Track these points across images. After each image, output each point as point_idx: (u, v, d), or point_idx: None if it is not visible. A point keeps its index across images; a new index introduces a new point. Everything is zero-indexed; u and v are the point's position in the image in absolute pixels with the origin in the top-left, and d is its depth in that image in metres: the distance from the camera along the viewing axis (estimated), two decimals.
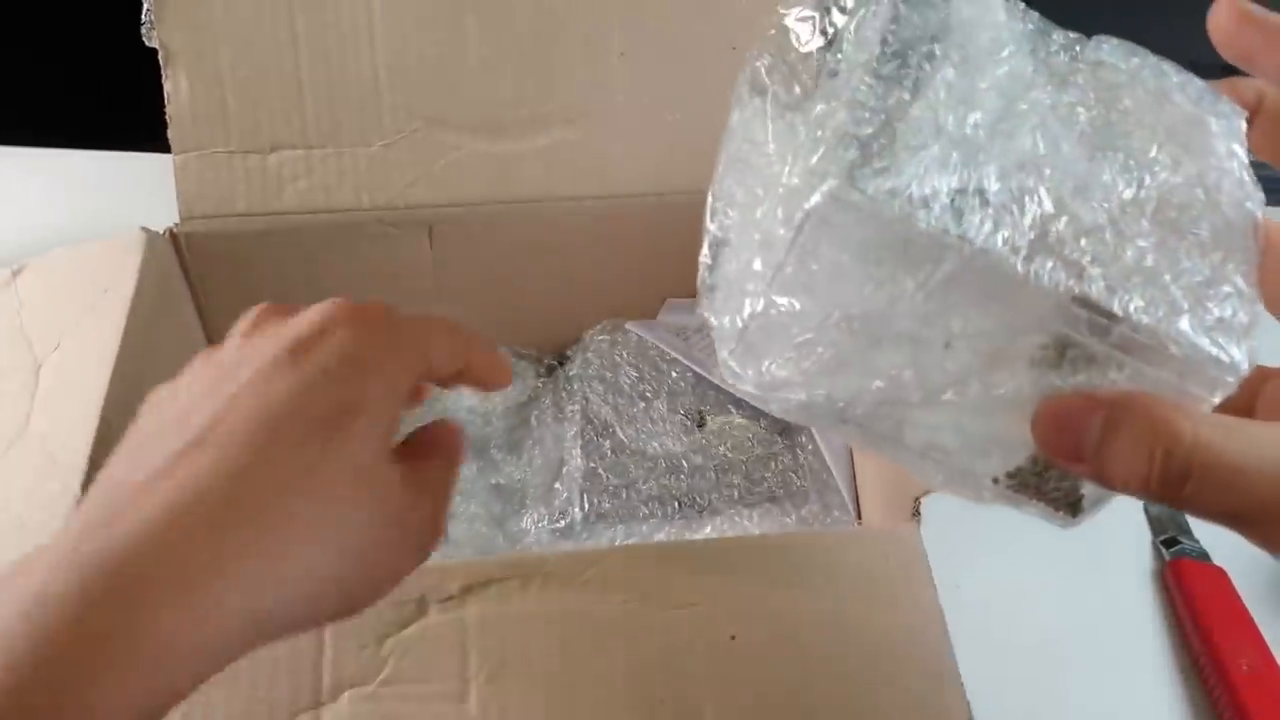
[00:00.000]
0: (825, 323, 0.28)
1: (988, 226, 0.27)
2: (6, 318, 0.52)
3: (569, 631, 0.41)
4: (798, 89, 0.29)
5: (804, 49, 0.29)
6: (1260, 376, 0.31)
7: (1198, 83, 0.31)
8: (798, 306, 0.29)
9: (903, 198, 0.26)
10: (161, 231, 0.57)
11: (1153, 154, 0.29)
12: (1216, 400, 0.28)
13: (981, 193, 0.27)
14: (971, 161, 0.27)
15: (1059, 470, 0.31)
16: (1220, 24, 0.31)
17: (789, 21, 0.30)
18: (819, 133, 0.27)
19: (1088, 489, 0.32)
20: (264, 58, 0.57)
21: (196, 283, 0.60)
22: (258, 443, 0.27)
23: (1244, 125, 0.31)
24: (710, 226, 0.31)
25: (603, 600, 0.41)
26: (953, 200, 0.26)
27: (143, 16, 0.54)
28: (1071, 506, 0.32)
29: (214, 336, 0.63)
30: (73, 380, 0.49)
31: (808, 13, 0.30)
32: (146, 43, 0.55)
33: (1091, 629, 0.57)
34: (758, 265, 0.29)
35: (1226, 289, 0.28)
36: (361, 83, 0.58)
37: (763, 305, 0.29)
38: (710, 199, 0.31)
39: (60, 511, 0.44)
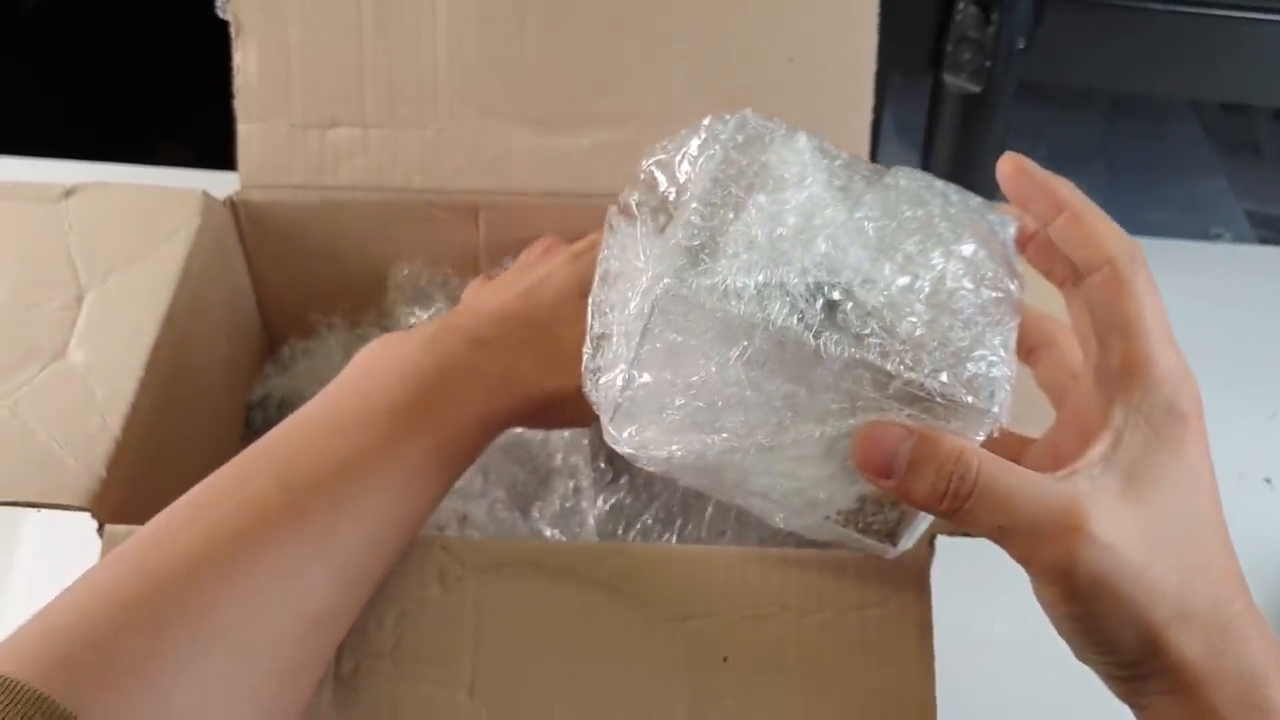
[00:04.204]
0: (674, 391, 0.37)
1: (785, 310, 0.35)
2: (55, 236, 0.54)
3: (568, 629, 0.41)
4: (663, 217, 0.39)
5: (662, 189, 0.39)
6: (1023, 442, 0.42)
7: (975, 199, 0.40)
8: (652, 380, 0.37)
9: (719, 291, 0.35)
10: (222, 199, 0.59)
11: (929, 253, 0.37)
12: (980, 439, 0.36)
13: (782, 285, 0.35)
14: (776, 263, 0.36)
15: (879, 506, 0.39)
16: (1004, 173, 0.39)
17: (651, 167, 0.39)
18: (665, 247, 0.37)
19: (903, 522, 0.39)
20: (330, 37, 0.59)
21: (251, 249, 0.63)
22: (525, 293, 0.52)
23: (1012, 228, 0.40)
24: (594, 326, 0.39)
25: (606, 601, 0.42)
26: (759, 292, 0.35)
27: None
28: (891, 536, 0.40)
29: (266, 302, 0.66)
30: (120, 319, 0.51)
31: (665, 158, 0.39)
32: (220, 15, 0.57)
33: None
34: (624, 350, 0.38)
35: (983, 352, 0.36)
36: (421, 69, 0.60)
37: (628, 380, 0.38)
38: (590, 306, 0.39)
39: (99, 449, 0.45)
